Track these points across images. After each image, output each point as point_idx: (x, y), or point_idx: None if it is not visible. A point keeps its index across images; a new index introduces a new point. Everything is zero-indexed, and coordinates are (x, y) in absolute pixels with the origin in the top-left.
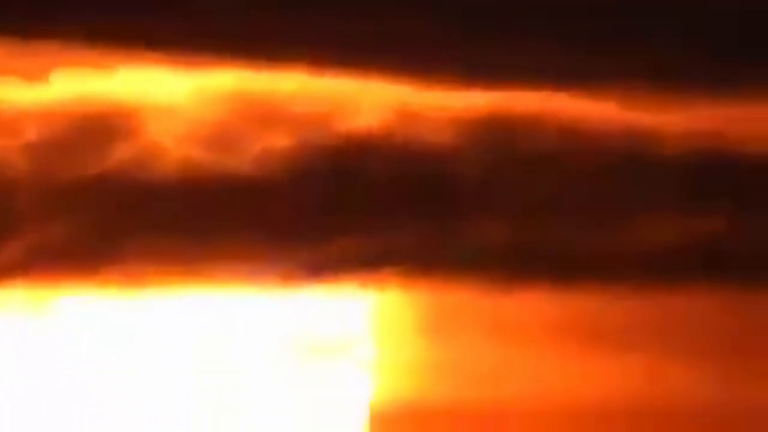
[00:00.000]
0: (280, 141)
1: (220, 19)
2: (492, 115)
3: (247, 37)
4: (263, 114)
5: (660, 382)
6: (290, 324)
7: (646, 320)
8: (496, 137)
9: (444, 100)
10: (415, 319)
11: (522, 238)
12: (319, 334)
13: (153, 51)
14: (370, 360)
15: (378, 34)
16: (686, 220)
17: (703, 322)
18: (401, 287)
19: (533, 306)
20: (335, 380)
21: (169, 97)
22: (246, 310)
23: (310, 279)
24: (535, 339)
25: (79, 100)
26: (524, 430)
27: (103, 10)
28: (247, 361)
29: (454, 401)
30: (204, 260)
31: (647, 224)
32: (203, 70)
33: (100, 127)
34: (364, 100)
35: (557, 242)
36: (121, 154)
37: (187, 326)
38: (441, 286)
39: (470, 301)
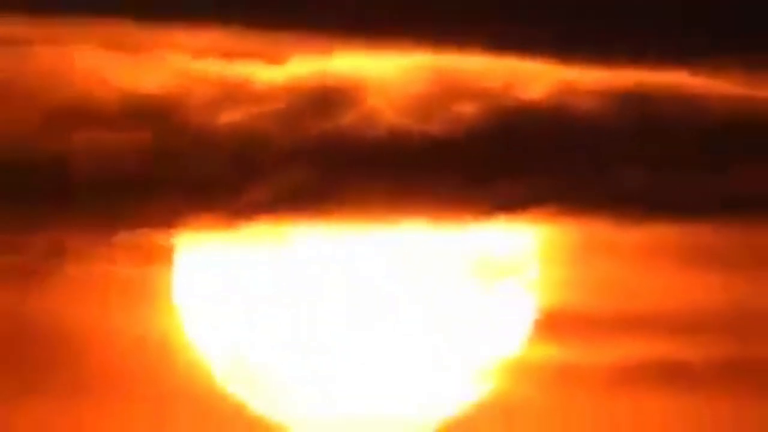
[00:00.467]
0: (467, 108)
1: (418, 8)
2: (630, 88)
3: (439, 24)
4: (454, 86)
5: (757, 293)
6: (472, 251)
7: (748, 245)
8: (633, 105)
9: (594, 77)
10: (568, 246)
11: (651, 182)
12: (494, 259)
13: (368, 37)
14: (534, 279)
15: (543, 27)
16: None
17: None
18: (558, 221)
19: (660, 235)
20: (507, 295)
21: (382, 73)
22: (438, 241)
23: (487, 215)
24: (661, 262)
25: (312, 76)
26: (655, 334)
27: (327, 6)
28: (438, 280)
29: (600, 311)
30: (407, 203)
31: (746, 173)
32: (407, 52)
33: (328, 97)
34: (532, 76)
35: (678, 186)
36: (345, 118)
37: (391, 254)
38: (588, 221)
39: (611, 231)
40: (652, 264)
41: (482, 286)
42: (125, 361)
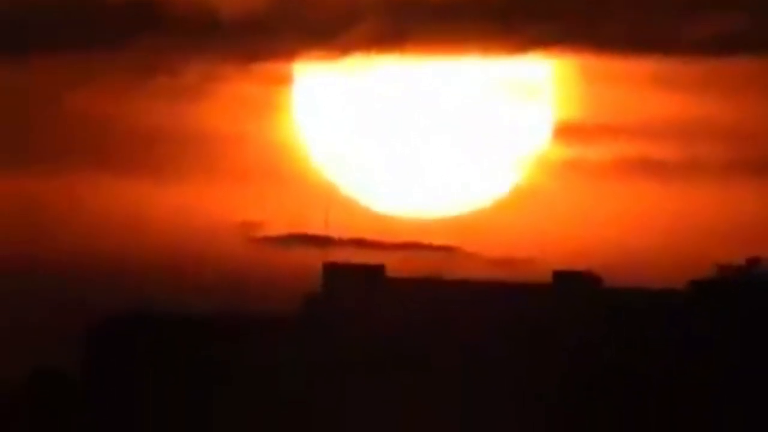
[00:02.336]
0: None
1: None
2: None
3: None
4: None
5: (713, 112)
6: (505, 76)
7: (714, 74)
8: None
9: None
10: (577, 73)
11: (642, 24)
12: (521, 82)
13: None
14: (551, 97)
15: None
16: None
17: None
18: (569, 54)
19: (646, 66)
20: (531, 109)
21: None
22: (480, 69)
23: (517, 50)
24: (647, 84)
25: None
26: (640, 138)
27: None
28: (479, 98)
29: (600, 121)
30: (457, 42)
31: (712, 17)
32: None
33: None
34: None
35: (662, 28)
36: None
37: (445, 78)
38: (593, 54)
39: (610, 62)
40: (640, 86)
41: (512, 102)
42: (251, 157)
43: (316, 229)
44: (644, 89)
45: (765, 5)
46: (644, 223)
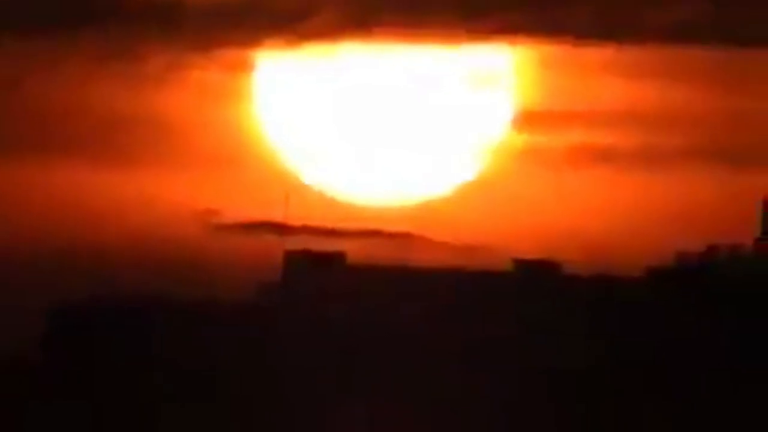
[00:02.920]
0: None
1: None
2: None
3: None
4: None
5: (666, 99)
6: (466, 65)
7: (671, 60)
8: None
9: None
10: (537, 62)
11: (601, 13)
12: (482, 71)
13: None
14: (511, 86)
15: None
16: None
17: None
18: (529, 43)
19: (607, 52)
20: (492, 97)
21: None
22: (441, 57)
23: (477, 39)
24: (603, 73)
25: None
26: (595, 127)
27: None
28: (440, 86)
29: (558, 109)
30: (420, 30)
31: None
32: None
33: None
34: None
35: (621, 14)
36: None
37: (407, 66)
38: (552, 43)
39: (569, 51)
40: (600, 73)
41: (473, 90)
42: (212, 144)
43: (276, 216)
44: (604, 77)
45: None
46: (604, 211)
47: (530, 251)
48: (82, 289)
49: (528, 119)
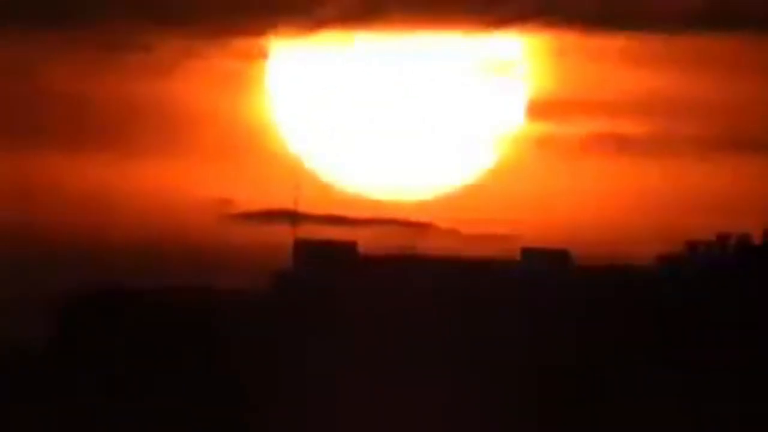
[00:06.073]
0: None
1: None
2: None
3: None
4: None
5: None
6: (480, 53)
7: (686, 51)
8: None
9: None
10: (550, 51)
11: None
12: (496, 59)
13: None
14: (525, 74)
15: None
16: None
17: None
18: (542, 31)
19: (618, 42)
20: (505, 85)
21: None
22: (455, 46)
23: (491, 27)
24: (615, 62)
25: None
26: (610, 114)
27: None
28: (455, 75)
29: (572, 97)
30: (432, 20)
31: None
32: None
33: None
34: None
35: (632, 5)
36: None
37: (422, 55)
38: (565, 31)
39: (581, 39)
40: (613, 62)
41: (487, 79)
42: (224, 134)
43: (288, 205)
44: (617, 66)
45: None
46: (617, 199)
47: (544, 240)
48: (98, 278)
49: (542, 108)
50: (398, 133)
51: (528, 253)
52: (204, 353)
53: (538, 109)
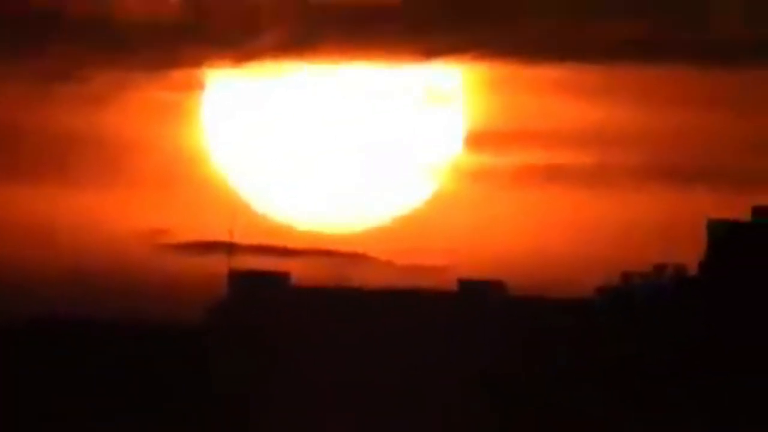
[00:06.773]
0: None
1: None
2: None
3: None
4: None
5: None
6: (415, 84)
7: (620, 82)
8: None
9: None
10: (486, 82)
11: (551, 32)
12: (431, 90)
13: None
14: (461, 106)
15: None
16: None
17: None
18: (479, 63)
19: (555, 73)
20: (443, 117)
21: None
22: (389, 77)
23: (426, 58)
24: (550, 93)
25: None
26: (544, 146)
27: None
28: (389, 106)
29: (508, 129)
30: (367, 49)
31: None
32: None
33: None
34: None
35: (569, 34)
36: None
37: (355, 85)
38: (501, 63)
39: (518, 70)
40: (550, 93)
41: (424, 110)
42: (158, 164)
43: (223, 235)
44: (554, 96)
45: (667, 12)
46: (554, 230)
47: (480, 271)
48: (30, 309)
49: (479, 139)
50: (334, 163)
51: (464, 284)
52: (137, 385)
53: (476, 140)
